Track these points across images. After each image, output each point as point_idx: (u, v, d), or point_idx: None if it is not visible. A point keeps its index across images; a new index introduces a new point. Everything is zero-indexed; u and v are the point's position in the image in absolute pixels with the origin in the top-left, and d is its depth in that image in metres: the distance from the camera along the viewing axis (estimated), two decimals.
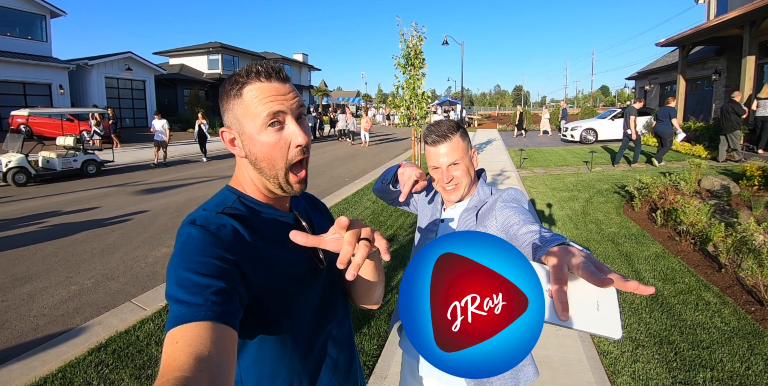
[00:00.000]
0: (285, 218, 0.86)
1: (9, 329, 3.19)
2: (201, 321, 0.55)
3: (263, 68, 0.77)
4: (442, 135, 1.19)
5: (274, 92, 0.76)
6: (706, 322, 2.95)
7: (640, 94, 23.83)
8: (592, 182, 8.03)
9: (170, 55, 31.20)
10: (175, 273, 0.62)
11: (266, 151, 0.76)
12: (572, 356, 2.63)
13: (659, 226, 5.01)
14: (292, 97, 0.78)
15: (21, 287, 3.93)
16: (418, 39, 9.17)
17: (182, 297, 0.58)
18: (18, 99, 17.64)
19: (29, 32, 18.82)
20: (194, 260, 0.63)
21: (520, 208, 1.09)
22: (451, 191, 1.21)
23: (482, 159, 11.88)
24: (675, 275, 3.72)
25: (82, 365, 2.64)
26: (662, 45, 14.16)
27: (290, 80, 0.81)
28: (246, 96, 0.76)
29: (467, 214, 1.23)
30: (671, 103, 9.53)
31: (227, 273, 0.64)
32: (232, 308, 0.61)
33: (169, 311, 0.60)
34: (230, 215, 0.75)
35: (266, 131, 0.75)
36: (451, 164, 1.19)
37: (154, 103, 23.72)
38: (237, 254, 0.68)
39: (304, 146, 0.78)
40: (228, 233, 0.70)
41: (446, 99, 41.73)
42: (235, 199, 0.81)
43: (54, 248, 5.03)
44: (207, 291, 0.59)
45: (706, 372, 2.42)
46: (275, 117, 0.75)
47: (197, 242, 0.66)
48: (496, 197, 1.20)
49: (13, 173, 8.86)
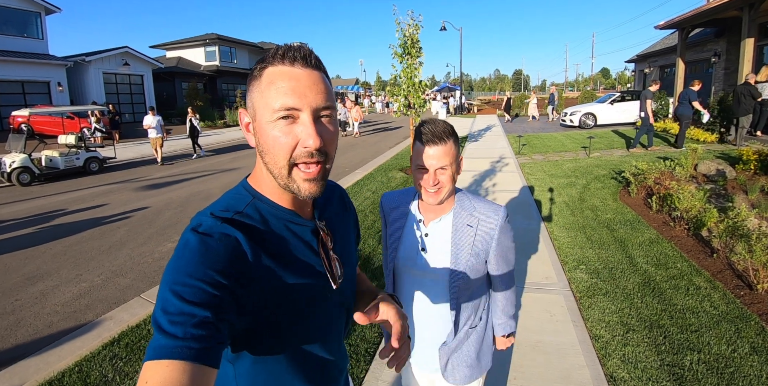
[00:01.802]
0: (303, 227, 0.77)
1: (24, 326, 3.33)
2: (177, 359, 0.52)
3: (289, 50, 0.68)
4: (438, 137, 1.16)
5: (294, 81, 0.66)
6: (696, 306, 3.05)
7: (640, 77, 23.62)
8: (590, 168, 8.07)
9: (167, 49, 30.98)
10: (163, 293, 0.58)
11: (271, 144, 0.68)
12: (565, 340, 2.74)
13: (654, 212, 5.08)
14: (317, 90, 0.68)
15: (33, 286, 4.06)
16: (415, 27, 9.11)
17: (164, 326, 0.55)
18: (17, 98, 17.67)
19: (25, 30, 18.72)
20: (182, 282, 0.58)
21: (511, 251, 1.33)
22: (432, 194, 1.20)
23: (481, 146, 11.92)
24: (668, 261, 3.81)
25: (97, 359, 2.77)
26: (662, 27, 14.00)
27: (322, 69, 0.71)
28: (264, 80, 0.68)
29: (465, 229, 1.25)
30: (695, 86, 9.43)
31: (217, 301, 0.58)
32: (214, 342, 0.56)
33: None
34: (239, 224, 0.68)
35: (276, 123, 0.67)
36: (439, 168, 1.18)
37: (153, 97, 23.69)
38: (233, 278, 0.62)
39: (313, 149, 0.67)
40: (229, 250, 0.64)
41: (445, 85, 41.40)
42: (249, 201, 0.73)
43: (62, 246, 5.15)
44: (190, 321, 0.55)
45: (693, 355, 2.52)
46: (288, 112, 0.66)
47: (192, 255, 0.61)
48: (494, 221, 1.25)
49: (17, 173, 8.96)
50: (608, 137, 12.21)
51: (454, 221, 1.27)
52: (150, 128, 11.42)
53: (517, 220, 5.21)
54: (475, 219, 1.26)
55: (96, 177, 10.05)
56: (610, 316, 3.00)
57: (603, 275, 3.62)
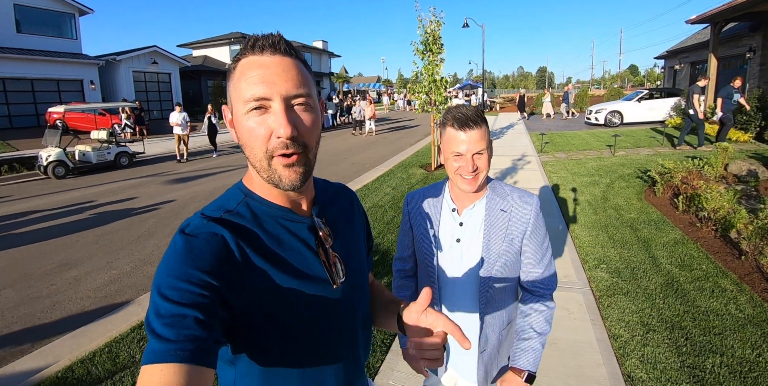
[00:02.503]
0: (299, 224, 0.74)
1: (59, 309, 3.52)
2: (172, 362, 0.52)
3: (257, 39, 0.67)
4: (473, 121, 1.12)
5: (262, 69, 0.65)
6: (720, 309, 2.97)
7: (670, 74, 22.84)
8: (614, 166, 7.89)
9: (193, 48, 31.78)
10: (153, 297, 0.58)
11: (246, 136, 0.66)
12: (582, 338, 2.72)
13: (681, 212, 4.94)
14: (287, 77, 0.65)
15: (67, 272, 4.28)
16: (437, 24, 9.07)
17: (157, 329, 0.55)
18: (53, 95, 18.46)
19: (60, 31, 19.54)
20: (170, 285, 0.58)
21: (545, 242, 1.26)
22: (470, 181, 1.15)
23: (503, 143, 11.78)
24: (693, 262, 3.71)
25: (126, 340, 2.92)
26: (693, 22, 13.45)
27: (294, 54, 0.68)
28: (236, 72, 0.67)
29: (498, 214, 1.20)
30: (735, 82, 9.11)
31: (207, 301, 0.58)
32: (209, 342, 0.56)
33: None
34: (227, 223, 0.67)
35: (249, 115, 0.65)
36: (476, 153, 1.13)
37: (180, 94, 24.33)
38: (220, 277, 0.61)
39: (285, 138, 0.64)
40: (216, 249, 0.63)
41: (468, 83, 40.97)
42: (241, 200, 0.72)
43: (94, 235, 5.39)
44: (181, 323, 0.55)
45: (715, 358, 2.47)
46: (258, 102, 0.64)
47: (178, 257, 0.61)
48: (529, 207, 1.21)
49: (53, 167, 9.41)
50: (635, 135, 11.88)
51: (488, 206, 1.22)
52: (176, 125, 11.48)
53: None
54: (509, 204, 1.21)
55: (126, 171, 10.44)
56: (630, 316, 2.95)
57: (624, 275, 3.56)
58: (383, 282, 3.58)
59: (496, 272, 1.20)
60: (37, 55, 17.59)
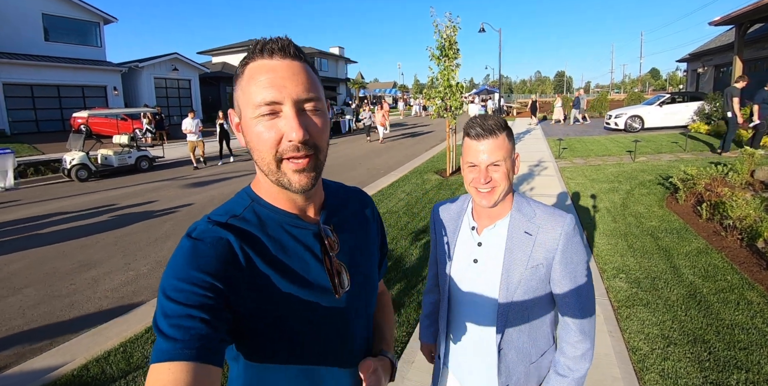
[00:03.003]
0: (304, 230, 0.73)
1: (77, 308, 3.60)
2: (179, 361, 0.53)
3: (266, 43, 0.66)
4: (488, 130, 1.05)
5: (272, 73, 0.64)
6: (746, 322, 2.84)
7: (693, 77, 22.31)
8: (634, 172, 7.70)
9: (213, 54, 32.50)
10: (160, 298, 0.60)
11: (256, 140, 0.66)
12: (599, 350, 2.63)
13: (704, 220, 4.78)
14: (298, 81, 0.65)
15: (86, 272, 4.37)
16: (453, 29, 9.07)
17: (164, 329, 0.56)
18: (78, 101, 19.13)
19: (86, 39, 20.31)
20: (175, 287, 0.59)
21: (580, 269, 1.08)
22: (485, 195, 1.07)
23: (519, 149, 11.58)
24: (717, 273, 3.58)
25: (140, 341, 2.96)
26: (717, 24, 13.11)
27: (303, 58, 0.68)
28: (245, 76, 0.67)
29: (522, 237, 1.08)
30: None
31: (211, 302, 0.59)
32: (215, 341, 0.58)
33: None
34: (233, 228, 0.67)
35: (259, 120, 0.65)
36: (491, 164, 1.05)
37: (199, 100, 24.88)
38: (224, 280, 0.62)
39: (297, 141, 0.64)
40: (220, 253, 0.63)
41: (484, 88, 40.83)
42: (248, 205, 0.72)
43: (114, 237, 5.51)
44: (188, 323, 0.56)
45: (740, 374, 2.36)
46: (269, 107, 0.64)
47: (183, 260, 0.62)
48: (558, 230, 1.06)
49: (76, 170, 9.70)
50: (656, 140, 11.60)
51: (511, 227, 1.11)
52: (189, 132, 11.07)
53: None
54: (535, 226, 1.08)
55: (146, 175, 10.68)
56: (650, 328, 2.85)
57: (644, 285, 3.45)
58: (396, 289, 3.55)
59: (517, 299, 1.08)
60: (64, 62, 18.29)
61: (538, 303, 1.11)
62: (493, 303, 1.10)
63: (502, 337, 1.10)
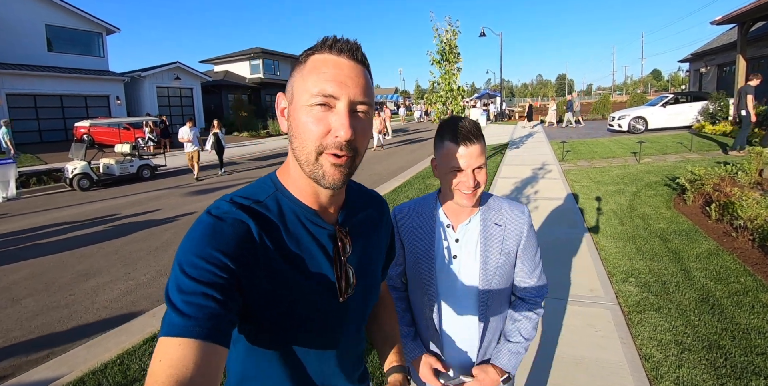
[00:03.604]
0: (321, 229, 0.74)
1: (76, 319, 3.54)
2: (189, 337, 0.54)
3: (337, 41, 0.68)
4: (473, 135, 1.10)
5: (337, 70, 0.66)
6: (763, 326, 2.74)
7: (696, 77, 22.23)
8: (640, 174, 7.61)
9: (215, 63, 32.70)
10: (175, 271, 0.60)
11: (302, 128, 0.67)
12: (611, 358, 2.54)
13: (714, 221, 4.69)
14: (358, 83, 0.67)
15: (85, 282, 4.32)
16: (453, 33, 9.06)
17: (177, 304, 0.57)
18: (81, 111, 19.26)
19: (89, 49, 20.51)
20: (192, 263, 0.60)
21: (538, 254, 1.27)
22: (469, 196, 1.13)
23: (522, 153, 11.58)
24: (729, 275, 3.48)
25: (138, 353, 2.89)
26: (718, 23, 13.05)
27: (366, 65, 0.70)
28: (308, 65, 0.68)
29: (494, 228, 1.20)
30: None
31: (225, 283, 0.60)
32: (225, 322, 0.59)
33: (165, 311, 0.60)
34: (254, 213, 0.68)
35: (311, 109, 0.66)
36: (477, 168, 1.11)
37: (202, 108, 25.01)
38: (240, 264, 0.63)
39: (343, 140, 0.65)
40: (239, 235, 0.64)
41: (485, 92, 40.86)
42: (272, 193, 0.73)
43: (114, 246, 5.47)
44: (202, 301, 0.57)
45: (759, 380, 2.26)
46: (326, 98, 0.65)
47: (202, 237, 0.62)
48: (522, 219, 1.22)
49: (78, 179, 9.71)
50: (661, 141, 11.51)
51: (483, 221, 1.22)
52: (187, 141, 10.58)
53: (561, 229, 4.97)
54: (503, 218, 1.22)
55: (148, 183, 10.67)
56: (663, 334, 2.76)
57: (655, 289, 3.36)
58: None
59: (494, 286, 1.21)
60: (67, 72, 18.44)
61: (508, 284, 1.26)
62: (474, 292, 1.21)
63: (485, 320, 1.23)
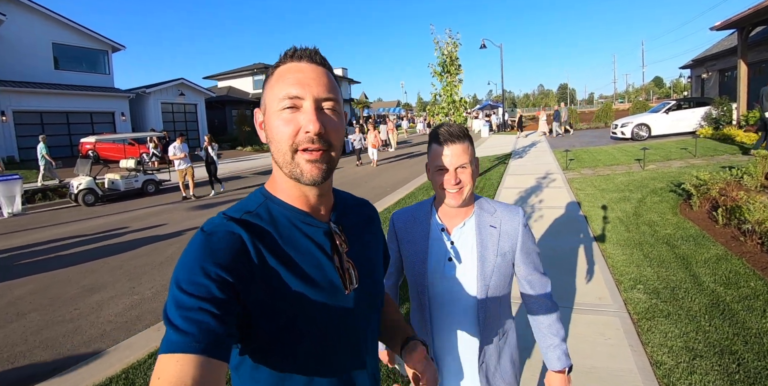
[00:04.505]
0: (315, 228, 0.76)
1: (81, 334, 3.52)
2: (188, 353, 0.54)
3: (296, 50, 0.74)
4: (455, 136, 1.16)
5: (299, 73, 0.71)
6: None
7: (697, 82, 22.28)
8: (645, 181, 7.58)
9: (218, 79, 33.24)
10: (172, 289, 0.61)
11: (275, 131, 0.70)
12: (622, 366, 2.49)
13: (721, 226, 4.64)
14: (320, 82, 0.71)
15: (90, 297, 4.31)
16: (453, 46, 9.17)
17: (175, 321, 0.57)
18: (86, 127, 19.53)
19: (94, 67, 20.93)
20: (188, 279, 0.60)
21: (536, 250, 1.28)
22: (455, 195, 1.18)
23: (526, 162, 11.58)
24: (739, 279, 3.43)
25: (143, 367, 2.86)
26: (718, 29, 13.14)
27: (327, 66, 0.75)
28: (274, 76, 0.73)
29: (489, 230, 1.22)
30: None
31: (222, 296, 0.60)
32: (224, 336, 0.58)
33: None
34: (246, 223, 0.69)
35: (281, 112, 0.70)
36: (459, 167, 1.16)
37: (205, 124, 25.31)
38: (235, 274, 0.63)
39: (313, 133, 0.68)
40: (232, 247, 0.65)
41: (488, 103, 41.09)
42: (262, 202, 0.75)
43: (119, 261, 5.47)
44: (198, 316, 0.57)
45: None
46: (292, 101, 0.69)
47: (196, 252, 0.63)
48: (517, 220, 1.24)
49: (83, 194, 9.78)
50: (664, 148, 11.49)
51: (478, 223, 1.24)
52: (179, 158, 9.93)
53: (566, 237, 4.93)
54: (498, 220, 1.24)
55: (152, 198, 10.73)
56: (674, 341, 2.71)
57: (664, 296, 3.31)
58: None
59: (492, 287, 1.22)
60: (73, 90, 18.76)
61: (506, 286, 1.26)
62: (472, 295, 1.22)
63: (483, 323, 1.22)
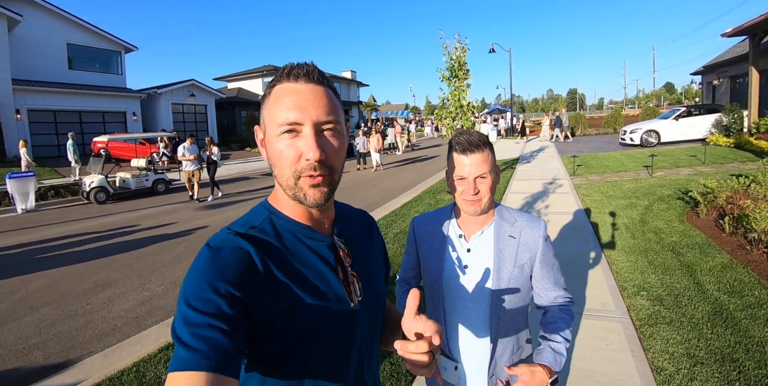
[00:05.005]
0: (319, 242, 0.77)
1: (92, 328, 3.62)
2: (197, 370, 0.54)
3: (293, 68, 0.72)
4: (475, 145, 1.14)
5: (296, 96, 0.69)
6: None
7: (708, 89, 22.10)
8: (652, 188, 7.56)
9: (228, 80, 33.58)
10: (180, 306, 0.61)
11: (277, 157, 0.70)
12: (622, 371, 2.52)
13: (728, 234, 4.63)
14: (319, 105, 0.70)
15: (102, 292, 4.42)
16: (462, 50, 9.22)
17: (184, 338, 0.57)
18: (98, 126, 19.86)
19: (107, 67, 21.32)
20: (196, 295, 0.60)
21: (556, 264, 1.25)
22: (473, 203, 1.17)
23: (533, 167, 11.58)
24: (743, 288, 3.43)
25: (153, 361, 2.95)
26: (729, 35, 13.03)
27: (326, 83, 0.73)
28: (272, 97, 0.72)
29: (507, 240, 1.20)
30: None
31: (230, 312, 0.60)
32: (233, 352, 0.58)
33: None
34: (251, 237, 0.69)
35: (281, 137, 0.69)
36: (478, 177, 1.15)
37: (215, 125, 25.57)
38: (243, 289, 0.63)
39: (314, 161, 0.68)
40: (239, 262, 0.65)
41: (496, 107, 41.04)
42: (266, 217, 0.75)
43: (129, 258, 5.58)
44: (207, 332, 0.57)
45: None
46: (291, 126, 0.68)
47: (204, 268, 0.63)
48: (537, 232, 1.21)
49: (94, 192, 9.97)
50: (673, 155, 11.42)
51: (496, 233, 1.22)
52: (189, 159, 9.82)
53: (572, 243, 4.95)
54: (517, 230, 1.21)
55: (162, 197, 10.89)
56: (675, 347, 2.73)
57: (667, 303, 3.32)
58: None
59: (507, 298, 1.19)
60: (86, 89, 19.11)
61: (523, 299, 1.23)
62: (486, 304, 1.20)
63: (495, 333, 1.20)
